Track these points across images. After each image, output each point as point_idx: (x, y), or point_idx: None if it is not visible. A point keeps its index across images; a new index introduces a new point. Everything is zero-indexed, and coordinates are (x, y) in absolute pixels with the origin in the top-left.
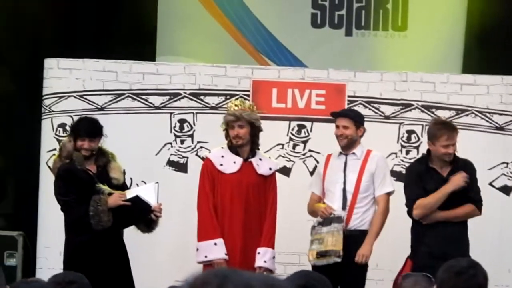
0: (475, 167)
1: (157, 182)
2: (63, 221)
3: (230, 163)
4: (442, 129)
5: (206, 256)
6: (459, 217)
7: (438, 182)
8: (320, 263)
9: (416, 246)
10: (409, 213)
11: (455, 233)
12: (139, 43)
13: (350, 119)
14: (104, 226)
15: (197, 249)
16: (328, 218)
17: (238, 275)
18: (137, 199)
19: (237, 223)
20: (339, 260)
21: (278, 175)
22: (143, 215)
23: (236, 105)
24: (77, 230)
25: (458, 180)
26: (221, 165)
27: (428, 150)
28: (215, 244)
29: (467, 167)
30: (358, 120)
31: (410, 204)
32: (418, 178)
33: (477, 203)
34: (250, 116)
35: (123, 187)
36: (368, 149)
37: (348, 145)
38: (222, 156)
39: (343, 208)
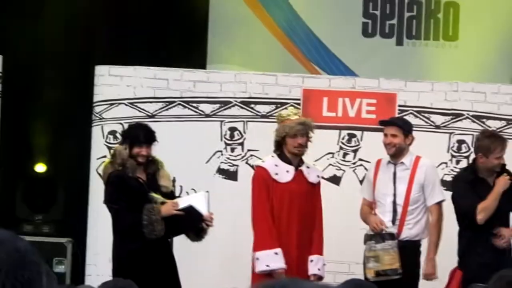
0: None
1: (208, 191)
2: (112, 228)
3: (284, 172)
4: (495, 142)
5: (267, 266)
6: None
7: (488, 191)
8: (380, 280)
9: (466, 256)
10: (468, 221)
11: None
12: (190, 51)
13: (398, 128)
14: (158, 235)
15: (256, 259)
16: (380, 233)
17: (300, 286)
18: (190, 208)
19: (292, 232)
20: (398, 277)
21: (328, 183)
22: (194, 224)
23: (295, 114)
24: (127, 238)
25: (503, 180)
26: (276, 174)
27: (474, 160)
28: (276, 253)
29: None
30: (406, 129)
31: (472, 212)
32: (471, 187)
33: None
34: (312, 125)
35: (172, 195)
36: (416, 156)
37: (396, 154)
38: (276, 165)
39: (393, 221)
